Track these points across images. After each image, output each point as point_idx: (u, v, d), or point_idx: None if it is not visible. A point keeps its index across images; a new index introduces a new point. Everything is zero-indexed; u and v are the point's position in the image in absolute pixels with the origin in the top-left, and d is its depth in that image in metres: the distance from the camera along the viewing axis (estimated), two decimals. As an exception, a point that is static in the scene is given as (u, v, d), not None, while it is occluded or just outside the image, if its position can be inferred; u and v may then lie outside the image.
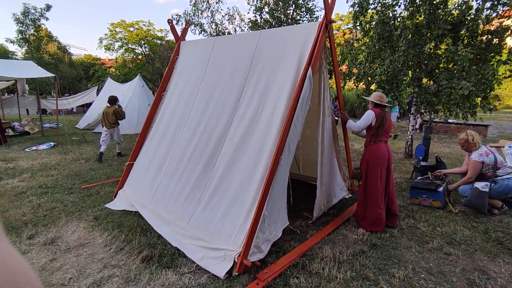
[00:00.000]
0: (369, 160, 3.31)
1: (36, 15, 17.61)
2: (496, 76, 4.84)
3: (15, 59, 19.26)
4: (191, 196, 3.16)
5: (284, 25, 9.93)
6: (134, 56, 25.50)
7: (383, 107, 3.44)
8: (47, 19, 18.05)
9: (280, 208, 2.84)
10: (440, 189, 3.84)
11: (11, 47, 24.77)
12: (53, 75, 9.43)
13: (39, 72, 9.34)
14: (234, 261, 2.48)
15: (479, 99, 5.17)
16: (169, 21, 4.21)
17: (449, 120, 10.05)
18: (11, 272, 0.23)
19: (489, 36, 5.11)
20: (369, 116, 3.35)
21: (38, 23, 18.11)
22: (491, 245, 2.97)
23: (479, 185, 3.66)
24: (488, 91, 5.28)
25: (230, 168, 2.96)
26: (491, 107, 6.27)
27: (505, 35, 5.00)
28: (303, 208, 3.79)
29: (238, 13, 11.89)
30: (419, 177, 4.26)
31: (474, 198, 3.63)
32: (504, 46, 5.11)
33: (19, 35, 17.84)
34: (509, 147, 4.55)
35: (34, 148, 7.68)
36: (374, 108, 3.42)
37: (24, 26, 17.71)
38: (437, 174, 4.14)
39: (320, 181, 3.41)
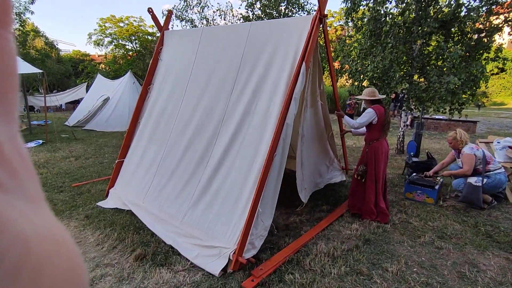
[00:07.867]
0: (376, 156, 3.42)
1: (20, 8, 17.06)
2: (485, 73, 4.91)
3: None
4: (184, 194, 3.12)
5: (276, 21, 9.89)
6: (125, 52, 25.04)
7: (380, 102, 3.43)
8: (32, 12, 17.51)
9: (272, 204, 2.82)
10: (437, 187, 3.93)
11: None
12: (40, 71, 9.19)
13: (25, 68, 9.06)
14: (229, 259, 2.47)
15: (465, 96, 5.26)
16: (150, 10, 3.90)
17: (439, 117, 10.23)
18: (56, 243, 0.21)
19: (479, 35, 5.19)
20: (370, 114, 3.35)
21: (24, 17, 17.58)
22: (480, 239, 3.04)
23: (472, 180, 3.74)
24: (475, 88, 5.37)
25: (224, 165, 2.92)
26: (480, 103, 6.40)
27: (495, 34, 5.08)
28: (295, 204, 3.79)
29: (231, 9, 11.77)
30: (414, 174, 4.31)
31: (469, 194, 3.71)
32: (492, 44, 5.20)
33: (3, 29, 17.29)
34: (498, 142, 4.64)
35: (21, 146, 7.48)
36: (374, 106, 3.41)
37: (8, 21, 17.17)
38: (428, 174, 4.21)
39: (298, 163, 3.38)
